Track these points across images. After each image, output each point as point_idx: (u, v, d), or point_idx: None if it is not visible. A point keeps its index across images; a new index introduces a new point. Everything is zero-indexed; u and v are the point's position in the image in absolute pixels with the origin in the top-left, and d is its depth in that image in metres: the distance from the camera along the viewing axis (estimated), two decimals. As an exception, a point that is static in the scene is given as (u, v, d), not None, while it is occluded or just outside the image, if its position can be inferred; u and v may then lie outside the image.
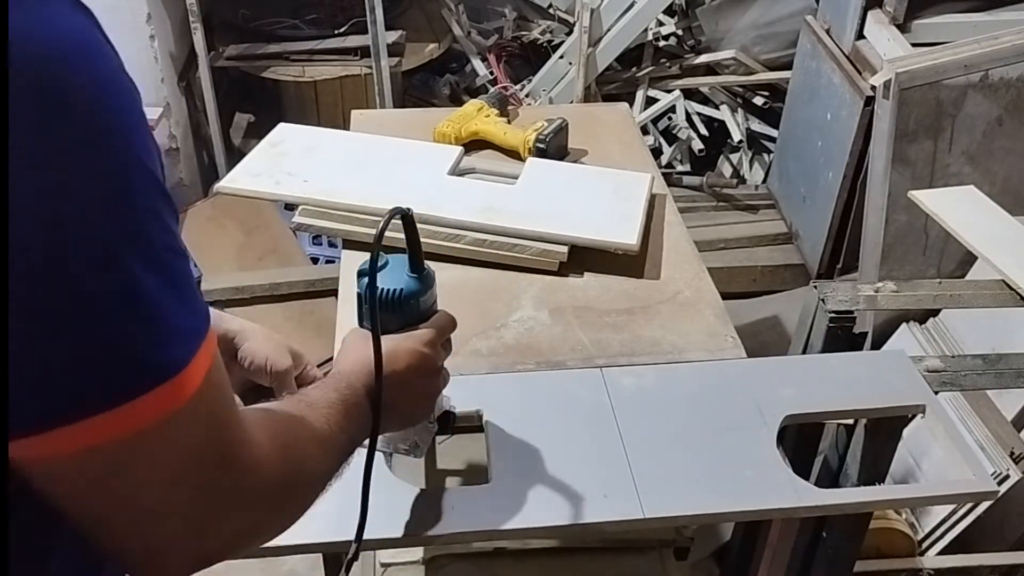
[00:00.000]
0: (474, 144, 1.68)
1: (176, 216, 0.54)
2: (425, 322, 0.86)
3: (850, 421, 1.21)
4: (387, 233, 0.75)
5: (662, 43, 3.05)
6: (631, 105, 2.82)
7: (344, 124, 1.79)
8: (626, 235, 1.36)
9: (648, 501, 0.97)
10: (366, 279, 0.80)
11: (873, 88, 2.06)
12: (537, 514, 0.96)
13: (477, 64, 3.02)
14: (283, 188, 1.44)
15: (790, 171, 2.73)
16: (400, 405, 0.81)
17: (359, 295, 0.84)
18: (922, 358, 1.24)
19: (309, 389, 0.77)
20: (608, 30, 2.74)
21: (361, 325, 0.86)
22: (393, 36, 2.72)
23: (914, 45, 2.14)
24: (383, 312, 0.80)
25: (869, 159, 2.17)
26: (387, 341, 0.79)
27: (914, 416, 1.17)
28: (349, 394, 0.76)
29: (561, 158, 1.62)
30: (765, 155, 3.03)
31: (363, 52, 2.66)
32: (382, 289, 0.82)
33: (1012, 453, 1.60)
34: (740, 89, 3.05)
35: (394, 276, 0.84)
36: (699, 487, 1.00)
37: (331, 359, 1.14)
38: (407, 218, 0.81)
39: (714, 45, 2.97)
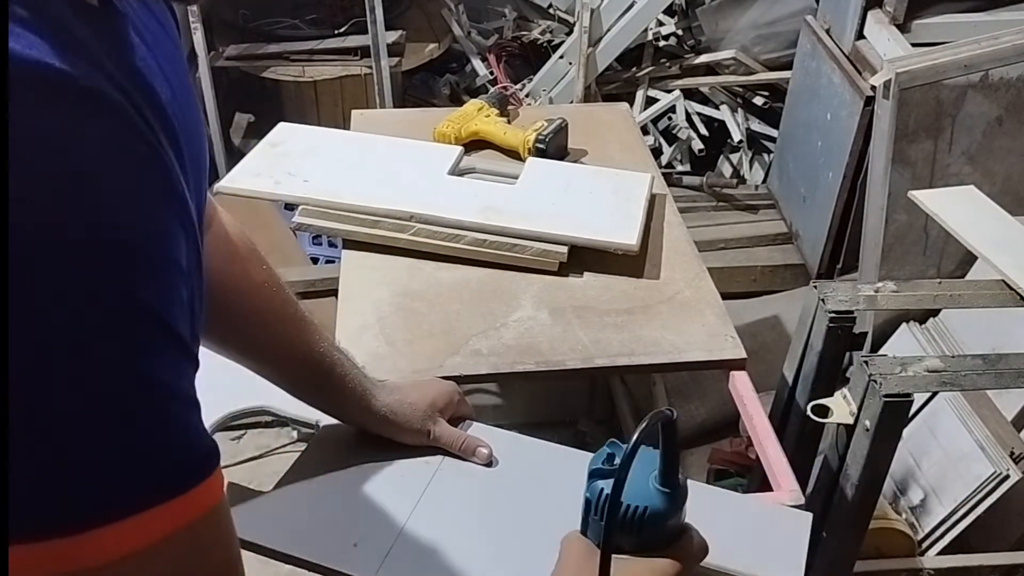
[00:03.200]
0: (474, 144, 1.68)
1: (192, 364, 0.49)
2: (668, 547, 0.68)
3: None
4: (387, 233, 0.68)
5: (662, 43, 3.05)
6: (631, 105, 2.82)
7: (344, 124, 1.79)
8: (626, 235, 1.36)
9: (389, 568, 0.87)
10: (599, 483, 0.64)
11: (873, 88, 2.06)
12: (281, 538, 0.90)
13: (477, 64, 3.02)
14: (283, 188, 1.44)
15: (790, 171, 2.73)
16: None
17: (587, 500, 0.67)
18: (922, 358, 1.24)
19: None
20: (608, 30, 2.74)
21: (583, 533, 0.70)
22: (393, 36, 2.72)
23: (914, 45, 2.14)
24: (618, 529, 0.64)
25: (869, 159, 2.17)
26: (619, 570, 0.63)
27: (911, 419, 1.16)
28: None
29: (561, 158, 1.62)
30: (765, 155, 3.03)
31: (363, 52, 2.67)
32: (621, 503, 0.64)
33: (1012, 453, 1.60)
34: (740, 89, 3.05)
35: (637, 484, 0.64)
36: None
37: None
38: (669, 424, 0.64)
39: (714, 45, 2.97)
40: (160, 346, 0.46)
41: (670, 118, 2.99)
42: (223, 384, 0.91)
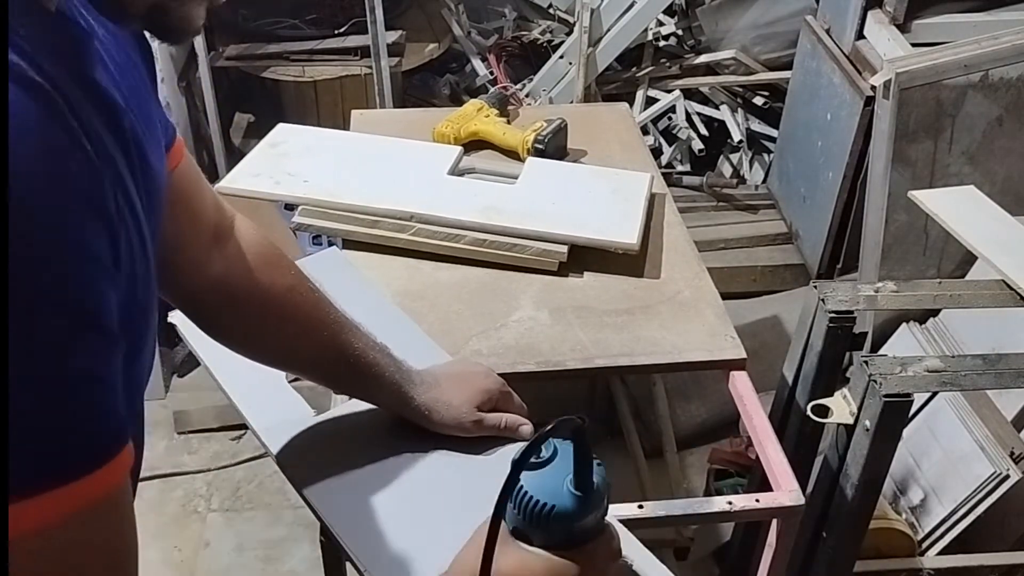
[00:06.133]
0: (474, 144, 1.68)
1: (110, 340, 0.49)
2: (575, 549, 0.67)
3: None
4: (387, 233, 0.68)
5: (662, 43, 3.05)
6: (631, 105, 2.82)
7: (344, 124, 1.79)
8: (626, 235, 1.36)
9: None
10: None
11: (873, 88, 2.06)
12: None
13: (477, 64, 3.02)
14: (283, 188, 1.44)
15: (790, 171, 2.73)
16: None
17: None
18: (922, 358, 1.24)
19: None
20: (608, 30, 2.73)
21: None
22: (393, 36, 2.72)
23: (914, 45, 2.14)
24: (527, 522, 0.65)
25: (869, 159, 2.17)
26: (512, 555, 0.65)
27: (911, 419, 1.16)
28: None
29: (560, 158, 1.62)
30: (765, 155, 3.03)
31: (363, 52, 2.66)
32: (527, 494, 0.65)
33: (1012, 453, 1.60)
34: (740, 89, 3.04)
35: (552, 482, 0.65)
36: None
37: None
38: (579, 431, 0.63)
39: (714, 45, 2.97)
40: (77, 333, 0.46)
41: (670, 118, 2.99)
42: None
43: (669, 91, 2.97)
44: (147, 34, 0.61)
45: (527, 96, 2.86)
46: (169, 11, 0.54)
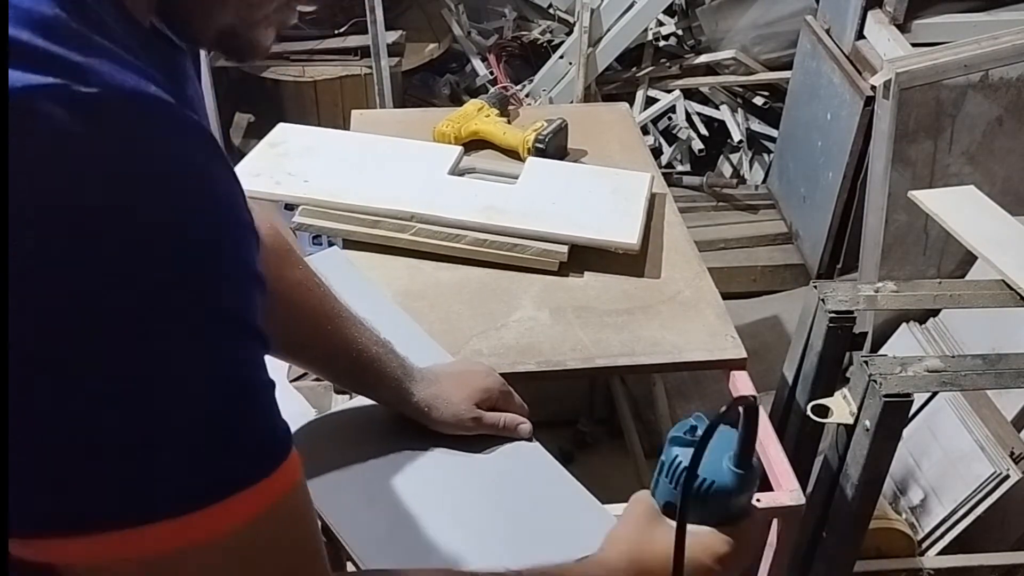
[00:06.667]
0: (474, 144, 1.68)
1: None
2: (728, 525, 0.71)
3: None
4: (388, 233, 0.69)
5: (662, 43, 3.05)
6: (631, 105, 2.82)
7: (344, 124, 1.79)
8: (626, 234, 1.36)
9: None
10: (676, 450, 0.68)
11: (873, 88, 2.06)
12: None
13: (477, 64, 3.02)
14: (283, 188, 1.44)
15: (790, 171, 2.73)
16: None
17: (661, 463, 0.71)
18: (922, 358, 1.24)
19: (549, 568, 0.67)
20: (608, 30, 2.74)
21: (653, 493, 0.73)
22: (393, 36, 2.72)
23: (914, 45, 2.14)
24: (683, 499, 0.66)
25: (869, 159, 2.17)
26: (669, 531, 0.67)
27: (911, 419, 1.16)
28: None
29: (561, 158, 1.62)
30: (765, 155, 3.03)
31: (363, 52, 2.67)
32: (686, 470, 0.66)
33: (1012, 453, 1.60)
34: (740, 89, 3.05)
35: (711, 460, 0.66)
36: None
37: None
38: (752, 409, 0.66)
39: (714, 45, 2.97)
40: (244, 344, 0.49)
41: (670, 118, 2.99)
42: None
43: (669, 91, 2.97)
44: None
45: (527, 96, 2.86)
46: (238, 35, 0.56)
